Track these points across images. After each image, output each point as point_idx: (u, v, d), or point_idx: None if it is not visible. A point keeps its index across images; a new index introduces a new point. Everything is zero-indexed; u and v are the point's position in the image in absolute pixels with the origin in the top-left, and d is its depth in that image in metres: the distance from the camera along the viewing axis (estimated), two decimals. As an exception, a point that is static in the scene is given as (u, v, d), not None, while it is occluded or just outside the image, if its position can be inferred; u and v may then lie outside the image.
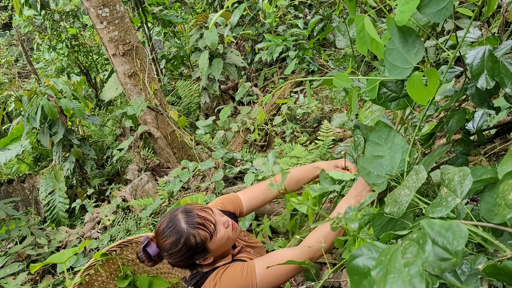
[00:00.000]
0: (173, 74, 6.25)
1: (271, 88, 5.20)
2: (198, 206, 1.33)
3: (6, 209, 3.31)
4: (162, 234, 1.28)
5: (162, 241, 1.28)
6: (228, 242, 1.33)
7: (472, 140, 1.39)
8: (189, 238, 1.24)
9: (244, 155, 2.98)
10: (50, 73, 6.75)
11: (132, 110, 3.02)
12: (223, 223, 1.32)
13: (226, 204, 1.53)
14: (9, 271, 2.78)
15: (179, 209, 1.32)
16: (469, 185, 0.70)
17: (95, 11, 3.55)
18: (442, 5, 0.88)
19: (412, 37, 0.95)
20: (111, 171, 4.83)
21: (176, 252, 1.26)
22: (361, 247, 0.68)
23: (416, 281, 0.48)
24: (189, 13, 6.59)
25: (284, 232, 2.79)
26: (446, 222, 0.55)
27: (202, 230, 1.25)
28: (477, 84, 0.98)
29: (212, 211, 1.34)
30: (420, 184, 0.80)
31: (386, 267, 0.53)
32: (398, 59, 0.97)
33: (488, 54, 0.98)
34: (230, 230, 1.33)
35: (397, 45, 0.97)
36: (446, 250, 0.54)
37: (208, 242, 1.27)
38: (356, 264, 0.67)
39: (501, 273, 0.58)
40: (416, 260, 0.50)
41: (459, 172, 0.73)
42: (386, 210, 0.83)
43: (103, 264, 1.68)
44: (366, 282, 0.64)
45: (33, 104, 3.73)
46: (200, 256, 1.29)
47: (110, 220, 3.34)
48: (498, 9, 2.59)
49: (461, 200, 0.70)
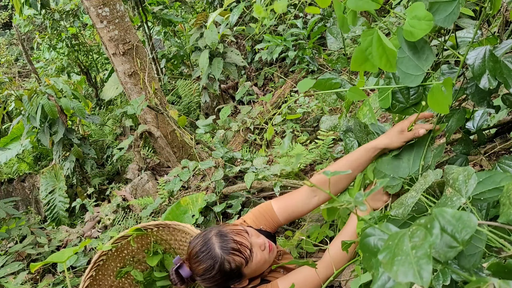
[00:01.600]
0: (173, 73, 6.25)
1: (271, 87, 5.20)
2: (233, 228, 1.26)
3: (6, 208, 3.31)
4: (195, 258, 1.23)
5: (196, 266, 1.24)
6: (265, 265, 1.27)
7: (472, 139, 1.39)
8: (223, 264, 1.19)
9: (244, 154, 2.98)
10: (50, 73, 6.74)
11: (132, 110, 3.02)
12: (259, 245, 1.25)
13: (261, 222, 1.39)
14: (9, 270, 2.78)
15: (213, 231, 1.25)
16: (473, 184, 0.71)
17: (95, 10, 3.55)
18: (449, 10, 0.89)
19: (421, 43, 0.97)
20: (111, 171, 4.83)
21: (210, 278, 1.22)
22: (375, 227, 0.70)
23: (423, 262, 0.49)
24: (189, 12, 6.59)
25: (283, 231, 2.79)
26: (457, 211, 0.56)
27: (237, 256, 1.20)
28: (479, 85, 0.98)
29: (248, 233, 1.26)
30: (427, 186, 0.80)
31: (393, 250, 0.54)
32: (410, 67, 0.98)
33: (489, 55, 0.98)
34: (267, 253, 1.26)
35: (407, 53, 0.98)
36: (454, 238, 0.55)
37: (243, 267, 1.21)
38: (368, 242, 0.69)
39: (505, 271, 0.58)
40: (423, 243, 0.51)
41: (464, 171, 0.74)
42: (391, 213, 0.84)
43: (136, 237, 1.66)
44: (375, 261, 0.66)
45: (33, 104, 3.73)
46: (235, 281, 1.25)
47: (111, 220, 3.34)
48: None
49: (466, 200, 0.71)
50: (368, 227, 0.70)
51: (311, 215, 2.40)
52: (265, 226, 1.39)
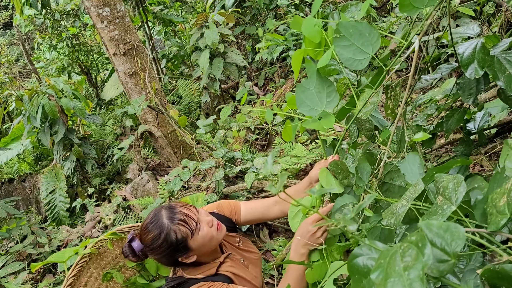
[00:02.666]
0: (174, 73, 6.25)
1: (272, 87, 5.20)
2: (181, 203, 1.35)
3: (7, 208, 3.32)
4: (145, 229, 1.30)
5: (145, 236, 1.30)
6: (212, 242, 1.32)
7: (473, 140, 1.39)
8: (169, 233, 1.25)
9: (244, 154, 2.98)
10: (50, 73, 6.75)
11: (132, 110, 3.02)
12: (207, 222, 1.32)
13: (224, 208, 1.55)
14: (10, 270, 2.78)
15: (163, 206, 1.34)
16: (463, 192, 0.70)
17: (96, 11, 3.55)
18: (359, 56, 0.98)
19: (329, 85, 1.08)
20: (112, 170, 4.83)
21: (157, 248, 1.28)
22: (361, 246, 0.69)
23: (416, 286, 0.48)
24: (189, 12, 6.59)
25: (284, 231, 2.79)
26: (444, 223, 0.55)
27: (183, 226, 1.26)
28: (465, 73, 1.00)
29: (197, 210, 1.34)
30: (417, 195, 0.80)
31: (385, 270, 0.53)
32: (310, 100, 1.10)
33: (480, 46, 1.00)
34: (215, 230, 1.33)
35: (312, 89, 1.09)
36: (444, 251, 0.54)
37: (189, 239, 1.27)
38: (357, 263, 0.67)
39: (499, 277, 0.58)
40: (415, 264, 0.50)
41: (453, 179, 0.74)
42: (383, 223, 0.84)
43: (115, 241, 1.66)
44: (366, 282, 0.64)
45: (34, 104, 3.73)
46: (182, 253, 1.29)
47: (111, 219, 3.34)
48: (498, 9, 2.59)
49: (456, 208, 0.70)
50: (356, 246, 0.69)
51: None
52: (227, 214, 1.53)
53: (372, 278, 0.54)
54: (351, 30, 0.98)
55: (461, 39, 1.20)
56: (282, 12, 5.19)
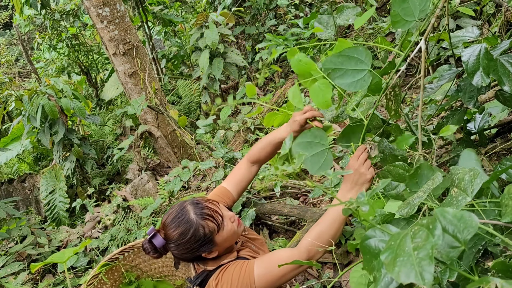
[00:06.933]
0: (174, 73, 6.25)
1: (272, 87, 5.20)
2: (206, 198, 1.35)
3: (7, 208, 3.31)
4: (170, 224, 1.28)
5: (170, 232, 1.28)
6: (234, 237, 1.34)
7: (473, 140, 1.39)
8: (198, 228, 1.25)
9: (244, 154, 2.98)
10: (50, 73, 6.74)
11: (132, 110, 3.02)
12: (229, 217, 1.33)
13: (218, 200, 1.51)
14: (9, 271, 2.78)
15: (187, 201, 1.32)
16: (479, 183, 0.71)
17: (96, 11, 3.55)
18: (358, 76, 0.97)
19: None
20: (112, 171, 4.83)
21: (184, 243, 1.26)
22: (375, 229, 0.71)
23: (425, 264, 0.49)
24: (189, 12, 6.59)
25: (284, 231, 2.79)
26: (459, 211, 0.56)
27: (211, 221, 1.26)
28: (472, 81, 1.00)
29: (219, 204, 1.35)
30: (435, 186, 0.80)
31: (395, 251, 0.54)
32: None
33: (483, 52, 1.00)
34: (236, 225, 1.34)
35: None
36: (455, 238, 0.55)
37: (215, 234, 1.27)
38: (369, 244, 0.69)
39: (510, 270, 0.58)
40: (425, 244, 0.51)
41: (470, 172, 0.75)
42: (397, 213, 0.84)
43: (107, 272, 1.67)
44: (376, 262, 0.66)
45: (34, 104, 3.73)
46: (206, 248, 1.29)
47: (111, 220, 3.34)
48: (499, 9, 2.59)
49: (472, 199, 0.71)
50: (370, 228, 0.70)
51: (311, 216, 2.40)
52: (226, 204, 1.51)
53: (382, 258, 0.55)
54: (339, 59, 0.99)
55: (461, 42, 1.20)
56: (282, 12, 5.19)
